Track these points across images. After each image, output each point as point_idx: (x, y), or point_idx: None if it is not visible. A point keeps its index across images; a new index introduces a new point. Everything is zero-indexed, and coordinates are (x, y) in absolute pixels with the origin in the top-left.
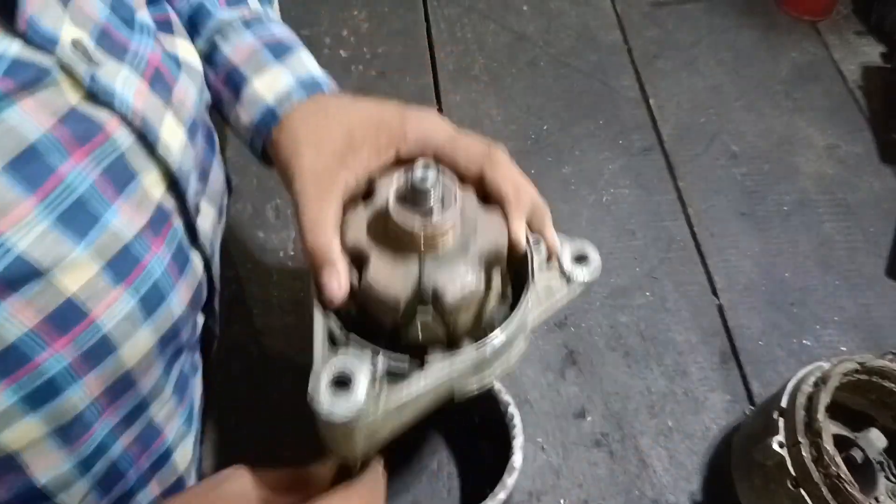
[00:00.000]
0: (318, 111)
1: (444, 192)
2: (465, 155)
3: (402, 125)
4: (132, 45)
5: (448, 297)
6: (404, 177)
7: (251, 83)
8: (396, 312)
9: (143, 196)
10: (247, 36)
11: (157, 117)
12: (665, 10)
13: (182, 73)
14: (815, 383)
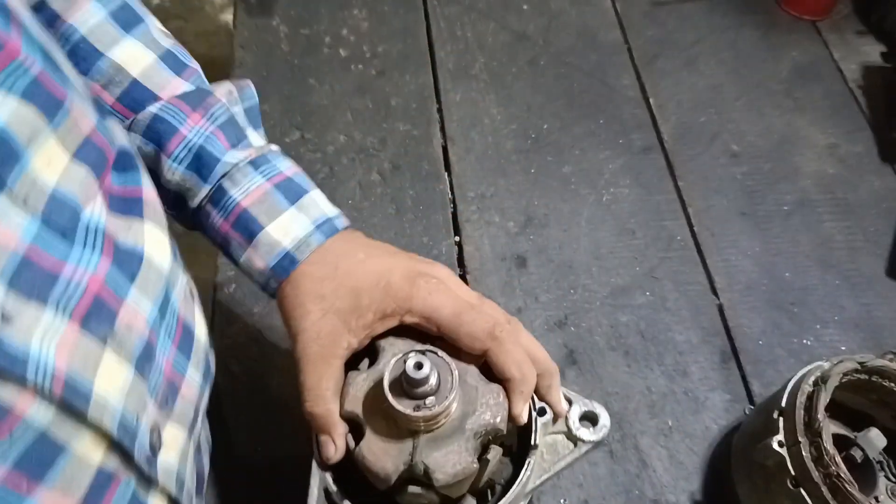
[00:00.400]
0: (328, 266)
1: (440, 378)
2: (468, 333)
3: (410, 296)
4: (65, 270)
5: (439, 476)
6: (400, 364)
7: (265, 228)
8: (387, 485)
9: (75, 470)
10: (256, 178)
11: (90, 367)
12: (665, 9)
13: (136, 284)
14: (815, 383)
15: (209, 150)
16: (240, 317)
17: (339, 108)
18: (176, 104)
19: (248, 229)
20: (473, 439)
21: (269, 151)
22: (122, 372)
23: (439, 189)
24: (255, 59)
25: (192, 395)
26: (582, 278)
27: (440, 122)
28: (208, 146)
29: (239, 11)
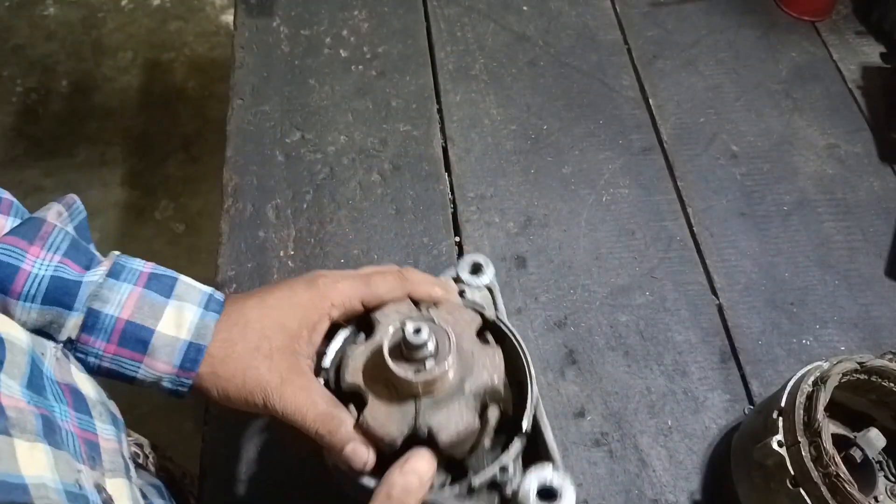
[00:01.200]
0: (235, 329)
1: (437, 341)
2: (385, 290)
3: (322, 296)
4: None
5: (443, 436)
6: (398, 331)
7: (156, 331)
8: (393, 449)
9: None
10: (122, 288)
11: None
12: (665, 9)
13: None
14: (814, 383)
15: (64, 278)
16: None
17: (339, 109)
18: (10, 242)
19: (138, 339)
20: (473, 400)
21: (117, 258)
22: (37, 451)
23: (439, 189)
24: (256, 60)
25: (111, 444)
26: (582, 278)
27: (440, 122)
28: (61, 275)
29: (239, 12)
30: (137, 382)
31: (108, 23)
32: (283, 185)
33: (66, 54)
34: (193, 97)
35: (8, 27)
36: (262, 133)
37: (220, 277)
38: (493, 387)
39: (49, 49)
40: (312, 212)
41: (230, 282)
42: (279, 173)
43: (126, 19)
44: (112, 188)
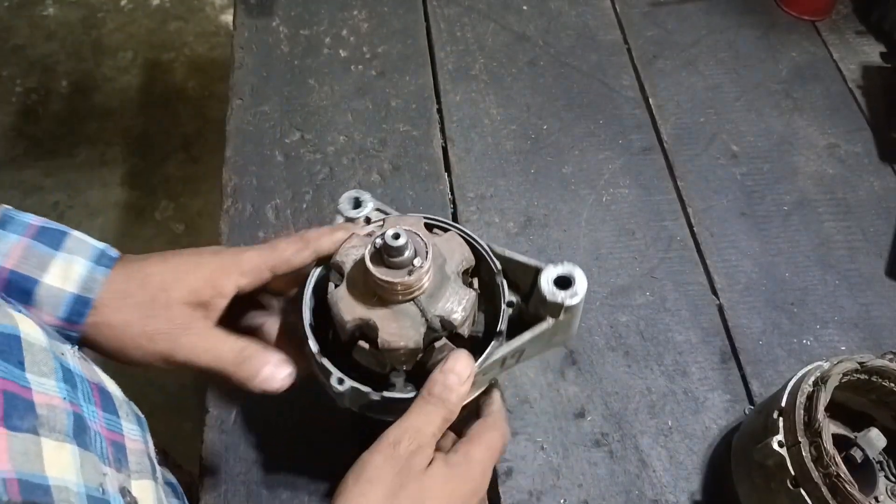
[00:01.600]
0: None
1: (413, 242)
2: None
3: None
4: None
5: (456, 318)
6: (378, 243)
7: (41, 281)
8: (419, 353)
9: None
10: (9, 238)
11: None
12: (665, 9)
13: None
14: (814, 383)
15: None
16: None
17: (339, 109)
18: None
19: (23, 290)
20: (459, 278)
21: (5, 210)
22: (65, 452)
23: (439, 190)
24: (255, 60)
25: (137, 445)
26: None
27: (440, 122)
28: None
29: (239, 12)
30: None
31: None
32: (283, 186)
33: (66, 54)
34: (193, 97)
35: (8, 27)
36: (261, 133)
37: None
38: (467, 260)
39: (49, 49)
40: (312, 212)
41: None
42: (279, 173)
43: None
44: (112, 188)
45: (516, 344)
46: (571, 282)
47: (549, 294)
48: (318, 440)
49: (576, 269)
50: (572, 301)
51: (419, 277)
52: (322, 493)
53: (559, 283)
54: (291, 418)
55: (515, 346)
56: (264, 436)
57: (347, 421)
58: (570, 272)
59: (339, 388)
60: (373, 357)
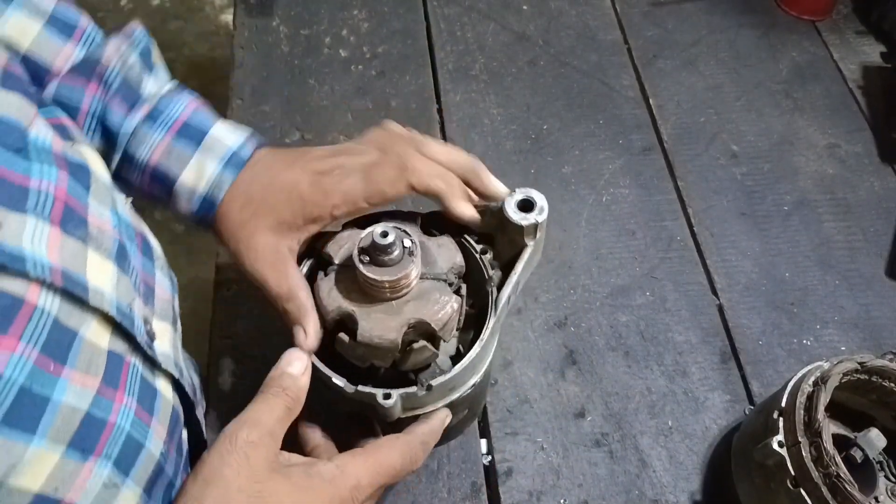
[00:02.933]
0: (241, 198)
1: (402, 241)
2: (387, 186)
3: (325, 195)
4: (32, 182)
5: (438, 322)
6: (366, 240)
7: (179, 178)
8: (396, 350)
9: (90, 353)
10: (156, 133)
11: (79, 263)
12: (665, 9)
13: (92, 193)
14: (814, 383)
15: (110, 119)
16: (240, 317)
17: (339, 109)
18: (71, 82)
19: (164, 183)
20: (447, 282)
21: (164, 95)
22: (106, 267)
23: None
24: (255, 60)
25: (165, 295)
26: (582, 278)
27: (440, 122)
28: (108, 116)
29: (239, 12)
30: (172, 212)
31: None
32: None
33: None
34: None
35: None
36: (261, 133)
37: (220, 277)
38: (458, 265)
39: None
40: None
41: (230, 282)
42: None
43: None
44: None
45: (514, 277)
46: (533, 203)
47: (521, 220)
48: None
49: (530, 190)
50: (542, 217)
51: (405, 277)
52: None
53: (523, 207)
54: None
55: (514, 279)
56: None
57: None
58: (528, 195)
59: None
60: (352, 350)
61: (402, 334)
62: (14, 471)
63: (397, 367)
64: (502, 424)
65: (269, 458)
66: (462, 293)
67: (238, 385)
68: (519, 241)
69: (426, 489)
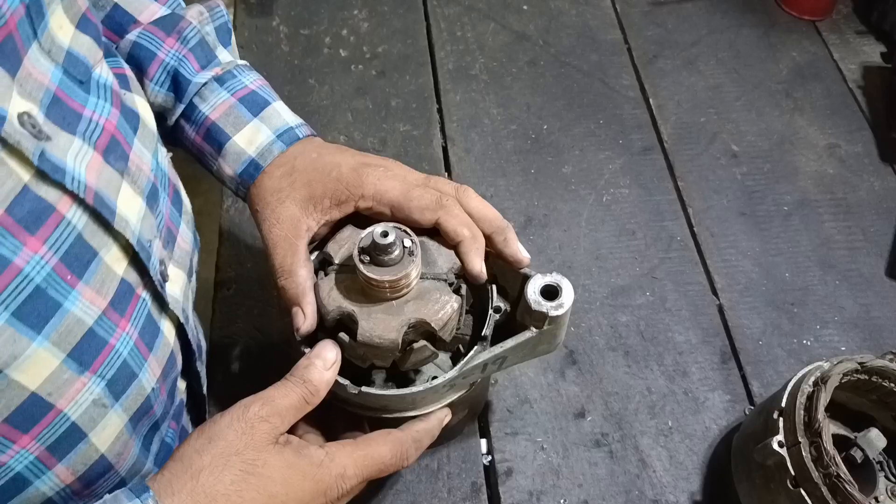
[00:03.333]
0: (286, 166)
1: (402, 241)
2: (418, 206)
3: (360, 183)
4: (86, 111)
5: (438, 322)
6: (367, 240)
7: (232, 139)
8: (395, 349)
9: (105, 274)
10: (222, 94)
11: (112, 190)
12: (665, 9)
13: (138, 136)
14: (814, 383)
15: (182, 72)
16: (240, 317)
17: (339, 109)
18: (152, 31)
19: (217, 141)
20: (447, 282)
21: (236, 67)
22: (136, 202)
23: None
24: (255, 60)
25: (186, 246)
26: (582, 278)
27: (440, 122)
28: (182, 69)
29: (239, 11)
30: (215, 175)
31: None
32: None
33: None
34: None
35: None
36: None
37: (219, 277)
38: (458, 265)
39: None
40: None
41: (230, 282)
42: None
43: None
44: None
45: (498, 350)
46: (558, 292)
47: (534, 303)
48: None
49: (563, 279)
50: (557, 312)
51: (405, 277)
52: None
53: (545, 292)
54: None
55: (497, 352)
56: None
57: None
58: (557, 282)
59: None
60: (352, 350)
61: (403, 334)
62: (15, 363)
63: (397, 367)
64: (502, 424)
65: (272, 434)
66: (462, 292)
67: (238, 385)
68: (527, 319)
69: (426, 489)
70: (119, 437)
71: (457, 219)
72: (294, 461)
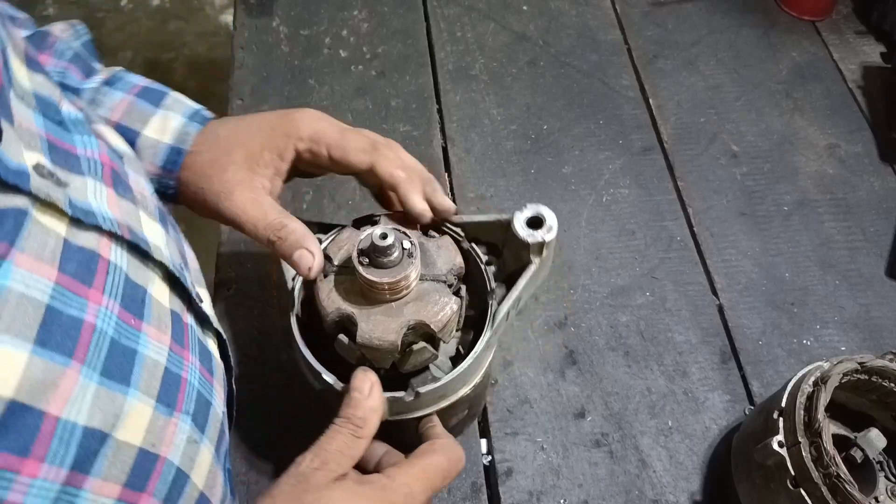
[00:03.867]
0: (210, 141)
1: (401, 243)
2: (355, 148)
3: (295, 125)
4: (79, 150)
5: (436, 323)
6: (365, 242)
7: (142, 133)
8: (395, 352)
9: (158, 309)
10: (115, 94)
11: (135, 221)
12: (665, 9)
13: (126, 163)
14: (815, 383)
15: (69, 83)
16: (240, 317)
17: (339, 109)
18: None
19: (126, 139)
20: (446, 283)
21: (118, 71)
22: (156, 228)
23: None
24: (255, 60)
25: (195, 264)
26: (582, 279)
27: (440, 122)
28: (66, 81)
29: (239, 12)
30: None
31: (108, 23)
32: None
33: None
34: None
35: None
36: None
37: (219, 277)
38: (456, 269)
39: None
40: (312, 213)
41: (230, 282)
42: None
43: (126, 19)
44: None
45: (515, 293)
46: (542, 220)
47: (528, 237)
48: None
49: (541, 206)
50: (550, 236)
51: (405, 279)
52: None
53: (532, 224)
54: (292, 417)
55: (514, 295)
56: (264, 434)
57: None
58: (538, 211)
59: (317, 382)
60: (352, 352)
61: (402, 336)
62: (118, 423)
63: (397, 369)
64: (502, 424)
65: (328, 478)
66: (462, 294)
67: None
68: (524, 256)
69: None
70: (210, 470)
71: (392, 162)
72: (357, 489)
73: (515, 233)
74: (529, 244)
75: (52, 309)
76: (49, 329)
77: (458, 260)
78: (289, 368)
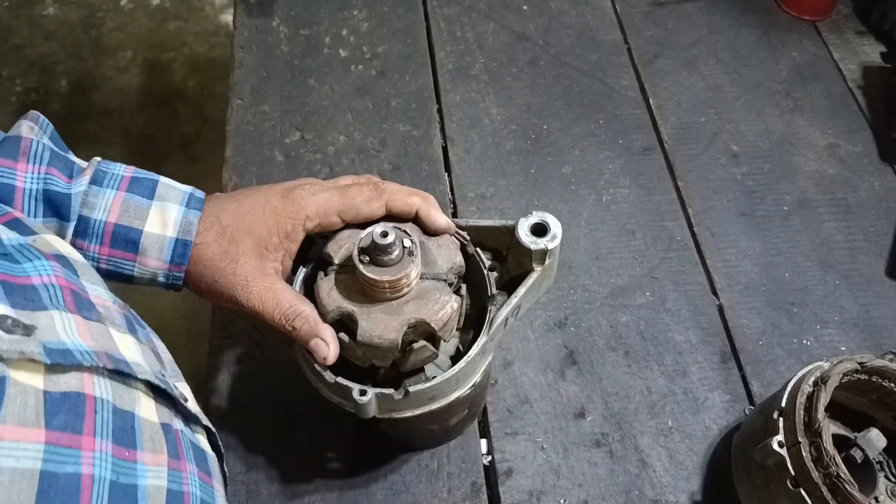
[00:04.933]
0: (214, 229)
1: (402, 241)
2: (363, 201)
3: (299, 207)
4: (34, 279)
5: (436, 321)
6: (366, 240)
7: (144, 231)
8: (395, 350)
9: (150, 430)
10: (106, 193)
11: (111, 343)
12: (665, 9)
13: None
14: (815, 383)
15: (54, 189)
16: (240, 317)
17: (339, 109)
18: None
19: (129, 241)
20: (447, 282)
21: (98, 163)
22: (129, 341)
23: (439, 190)
24: (255, 60)
25: (168, 357)
26: (582, 278)
27: (440, 122)
28: (51, 187)
29: (239, 12)
30: (136, 281)
31: (108, 22)
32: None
33: (66, 54)
34: (193, 97)
35: (7, 27)
36: (261, 133)
37: None
38: (456, 267)
39: (48, 49)
40: None
41: None
42: (279, 173)
43: (125, 19)
44: None
45: (514, 300)
46: (547, 227)
47: (531, 244)
48: (320, 441)
49: (546, 214)
50: (553, 244)
51: (405, 277)
52: (323, 493)
53: (536, 231)
54: (292, 419)
55: (514, 302)
56: (264, 436)
57: (349, 422)
58: (543, 219)
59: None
60: (352, 350)
61: (402, 334)
62: None
63: (398, 368)
64: (502, 424)
65: None
66: (462, 293)
67: (237, 386)
68: (527, 263)
69: (426, 489)
70: None
71: (399, 193)
72: None
73: (519, 239)
74: (532, 251)
75: (47, 473)
76: (47, 495)
77: (459, 259)
78: (289, 368)
